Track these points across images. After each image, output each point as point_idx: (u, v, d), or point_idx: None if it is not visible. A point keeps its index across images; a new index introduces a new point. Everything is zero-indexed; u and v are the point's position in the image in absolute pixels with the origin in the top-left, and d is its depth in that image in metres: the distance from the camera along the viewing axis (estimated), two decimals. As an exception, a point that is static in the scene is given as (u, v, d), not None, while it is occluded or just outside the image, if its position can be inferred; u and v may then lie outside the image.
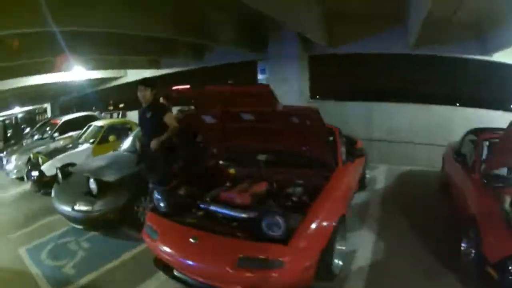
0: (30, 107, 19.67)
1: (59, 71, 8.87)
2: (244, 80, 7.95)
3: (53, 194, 4.21)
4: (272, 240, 2.14)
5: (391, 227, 3.72)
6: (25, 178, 6.18)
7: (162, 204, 2.72)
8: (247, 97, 2.74)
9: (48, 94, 16.66)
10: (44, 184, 5.68)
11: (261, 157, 3.37)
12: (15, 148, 8.28)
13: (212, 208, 2.72)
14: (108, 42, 7.76)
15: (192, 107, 3.52)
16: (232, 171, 3.46)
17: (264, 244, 2.12)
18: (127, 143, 5.26)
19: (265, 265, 2.03)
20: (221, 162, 3.68)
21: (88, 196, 3.68)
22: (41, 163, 5.76)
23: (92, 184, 3.67)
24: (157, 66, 11.33)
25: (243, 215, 2.54)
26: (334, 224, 2.46)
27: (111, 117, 11.88)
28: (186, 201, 2.88)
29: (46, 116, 18.19)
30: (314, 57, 8.98)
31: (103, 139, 6.50)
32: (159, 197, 2.74)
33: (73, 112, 13.95)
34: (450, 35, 6.77)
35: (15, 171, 7.11)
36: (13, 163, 7.16)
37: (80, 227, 3.79)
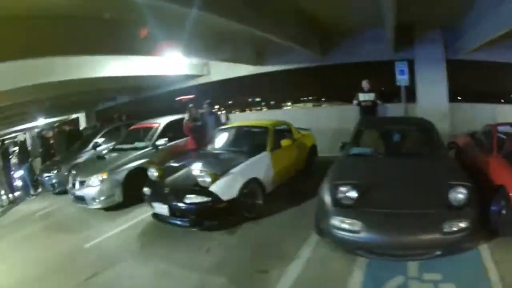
0: (54, 119, 17.32)
1: (159, 54, 7.02)
2: (376, 80, 7.34)
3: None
4: None
5: None
6: (168, 209, 3.91)
7: None
8: None
9: (85, 102, 14.61)
10: (213, 213, 3.78)
11: None
12: (85, 164, 6.26)
13: None
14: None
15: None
16: None
17: None
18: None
19: None
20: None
21: None
22: (208, 182, 3.84)
23: None
24: (260, 61, 9.47)
25: None
26: None
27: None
28: None
29: (78, 127, 15.72)
30: (447, 61, 9.01)
31: (275, 144, 4.79)
32: None
33: (120, 121, 11.84)
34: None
35: (102, 198, 5.04)
36: (97, 186, 5.07)
37: None
